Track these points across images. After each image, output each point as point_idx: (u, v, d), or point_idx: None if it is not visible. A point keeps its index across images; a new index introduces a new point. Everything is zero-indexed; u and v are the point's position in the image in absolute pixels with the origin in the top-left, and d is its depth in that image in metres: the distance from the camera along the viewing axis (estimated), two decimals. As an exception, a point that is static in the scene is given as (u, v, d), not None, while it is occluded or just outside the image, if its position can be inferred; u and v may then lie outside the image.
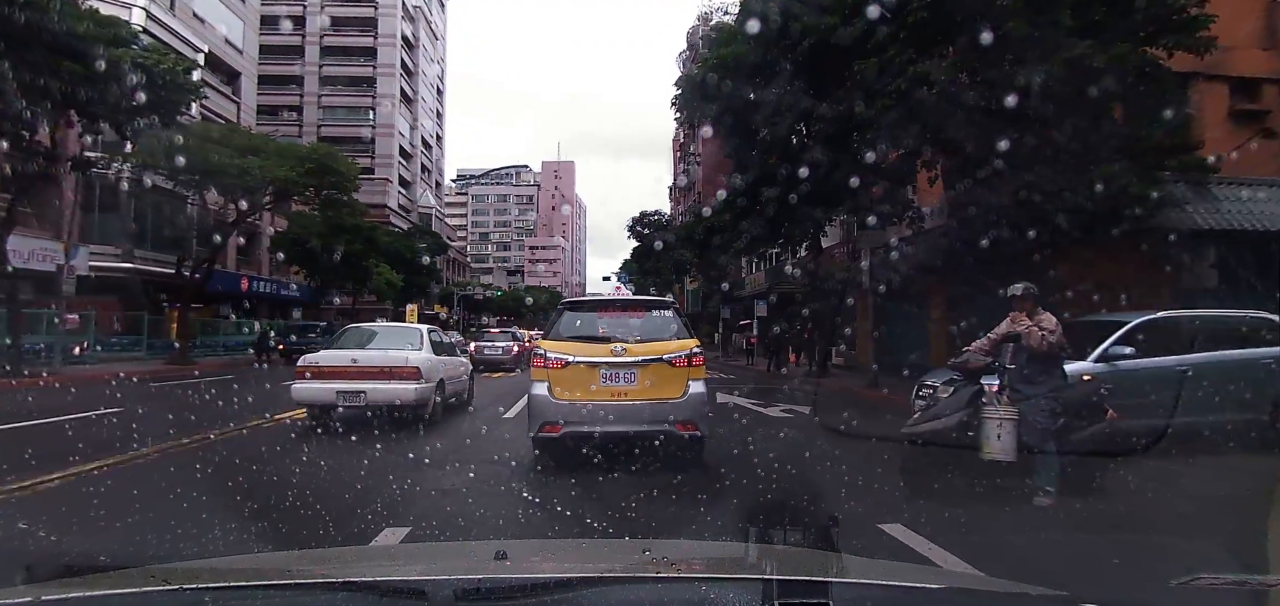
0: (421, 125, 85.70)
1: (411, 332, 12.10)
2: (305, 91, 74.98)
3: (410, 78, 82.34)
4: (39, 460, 6.94)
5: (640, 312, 8.08)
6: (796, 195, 16.04)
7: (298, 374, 10.27)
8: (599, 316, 7.93)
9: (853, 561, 2.11)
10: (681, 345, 7.41)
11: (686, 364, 7.29)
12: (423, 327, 12.60)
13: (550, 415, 7.17)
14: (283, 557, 3.16)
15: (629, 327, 7.61)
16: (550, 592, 1.61)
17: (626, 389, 7.16)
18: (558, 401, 7.18)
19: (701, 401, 7.32)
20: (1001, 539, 5.45)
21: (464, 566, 2.22)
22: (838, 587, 1.60)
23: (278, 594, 1.70)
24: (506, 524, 5.66)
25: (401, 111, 79.31)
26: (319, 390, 10.02)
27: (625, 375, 7.17)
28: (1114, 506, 6.19)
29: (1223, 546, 4.32)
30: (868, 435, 9.94)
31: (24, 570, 1.85)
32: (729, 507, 5.78)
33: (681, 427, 7.15)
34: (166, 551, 4.42)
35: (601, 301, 9.53)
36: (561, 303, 11.52)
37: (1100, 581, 3.99)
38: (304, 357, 10.69)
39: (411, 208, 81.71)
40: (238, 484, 6.66)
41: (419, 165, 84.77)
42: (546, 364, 7.34)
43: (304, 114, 75.10)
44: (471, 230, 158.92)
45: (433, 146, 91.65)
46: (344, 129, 75.86)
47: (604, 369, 7.20)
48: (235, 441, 9.24)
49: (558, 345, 7.49)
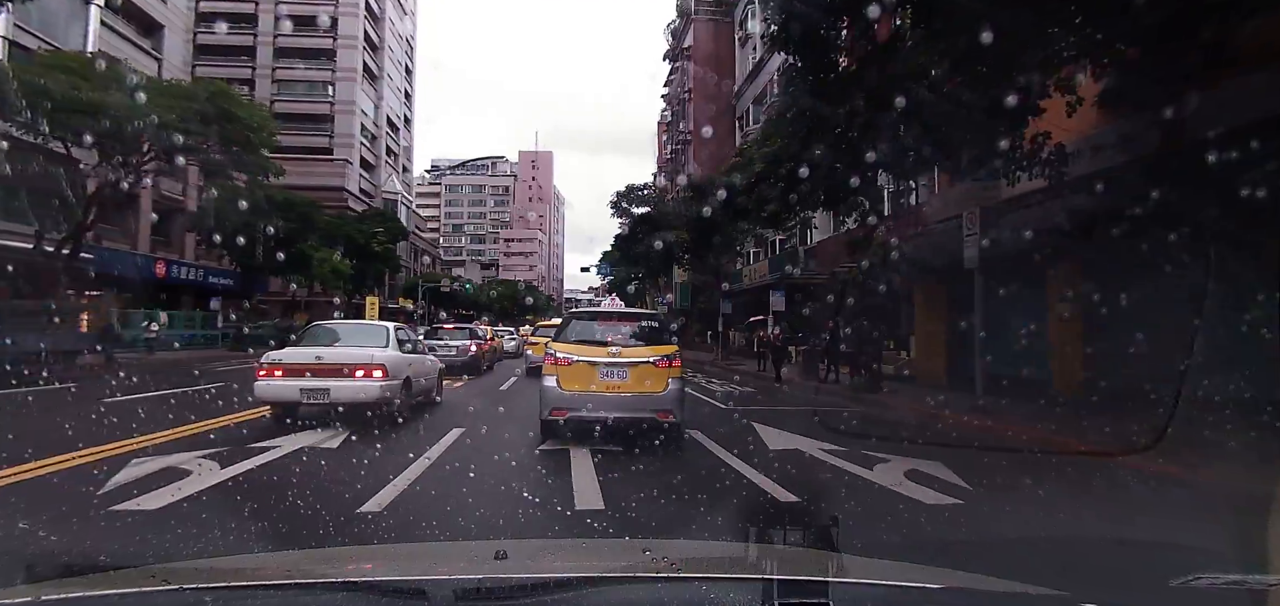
0: (387, 104, 79.32)
1: (377, 330, 11.99)
2: (258, 63, 68.39)
3: (375, 53, 75.97)
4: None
5: (633, 322, 10.14)
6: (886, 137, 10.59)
7: (259, 372, 10.26)
8: (600, 325, 9.80)
9: (853, 561, 2.17)
10: (664, 350, 9.13)
11: (668, 365, 8.97)
12: (389, 325, 12.33)
13: (558, 402, 8.85)
14: (283, 557, 3.16)
15: (623, 334, 9.37)
16: (550, 592, 1.61)
17: (620, 383, 8.86)
18: (565, 391, 8.86)
19: (678, 395, 9.06)
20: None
21: (464, 566, 2.17)
22: (838, 587, 1.61)
23: (278, 593, 1.69)
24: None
25: (364, 88, 72.91)
26: (283, 388, 10.09)
27: (619, 372, 8.88)
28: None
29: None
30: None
31: (24, 570, 1.87)
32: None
33: (661, 415, 8.82)
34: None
35: (602, 313, 11.88)
36: (570, 313, 12.68)
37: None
38: (268, 354, 10.83)
39: (375, 193, 75.35)
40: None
41: (384, 147, 78.38)
42: (557, 361, 8.99)
43: (256, 88, 68.60)
44: (445, 222, 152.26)
45: (400, 129, 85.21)
46: (301, 105, 69.76)
47: (602, 367, 8.89)
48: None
49: (566, 347, 9.18)
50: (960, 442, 9.27)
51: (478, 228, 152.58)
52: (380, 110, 77.08)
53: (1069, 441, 9.73)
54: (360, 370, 10.12)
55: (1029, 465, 8.41)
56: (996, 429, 10.90)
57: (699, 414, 12.41)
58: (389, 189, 78.12)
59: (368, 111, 73.64)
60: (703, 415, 12.37)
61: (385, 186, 77.70)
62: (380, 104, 77.09)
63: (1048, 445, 9.73)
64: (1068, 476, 7.88)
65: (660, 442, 8.72)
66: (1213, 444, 7.29)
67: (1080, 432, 10.07)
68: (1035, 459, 8.96)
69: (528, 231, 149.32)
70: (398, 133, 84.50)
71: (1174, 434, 6.16)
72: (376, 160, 76.31)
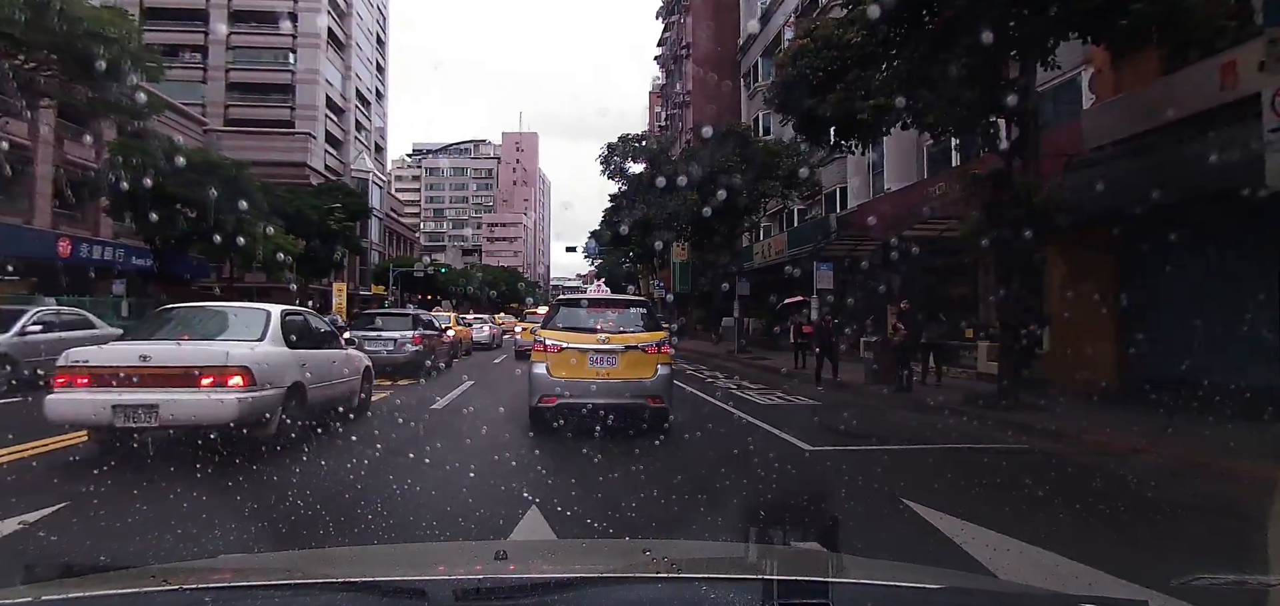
0: (356, 76, 73.25)
1: (253, 316, 8.50)
2: (211, 28, 62.10)
3: (341, 19, 69.75)
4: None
5: (621, 308, 9.89)
6: None
7: (56, 380, 7.18)
8: (588, 311, 9.56)
9: (853, 561, 2.15)
10: (653, 336, 9.06)
11: (657, 351, 8.87)
12: (274, 309, 8.65)
13: (548, 389, 8.72)
14: (283, 557, 3.08)
15: (611, 320, 9.23)
16: (550, 592, 1.59)
17: (609, 369, 8.73)
18: (554, 378, 8.74)
19: (667, 380, 8.91)
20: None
21: (464, 566, 2.16)
22: (838, 588, 1.59)
23: (278, 594, 1.66)
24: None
25: (329, 56, 66.78)
26: (86, 404, 6.99)
27: (608, 359, 8.75)
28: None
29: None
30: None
31: (24, 570, 1.83)
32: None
33: (651, 401, 8.75)
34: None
35: (591, 299, 11.17)
36: (557, 299, 12.17)
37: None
38: (67, 354, 7.37)
39: (344, 171, 69.48)
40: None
41: (353, 122, 72.36)
42: (546, 349, 8.89)
43: (208, 55, 62.46)
44: (426, 206, 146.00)
45: (372, 103, 79.14)
46: (259, 74, 63.60)
47: (592, 353, 8.77)
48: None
49: (554, 334, 9.06)
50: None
51: (460, 212, 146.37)
52: (348, 82, 71.03)
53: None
54: (208, 376, 7.15)
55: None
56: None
57: (777, 475, 7.12)
58: (360, 167, 72.18)
59: (334, 82, 67.58)
60: (786, 480, 6.92)
61: (355, 164, 71.81)
62: (348, 75, 71.03)
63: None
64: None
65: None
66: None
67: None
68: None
69: (512, 215, 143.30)
70: (369, 107, 78.47)
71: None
72: (345, 135, 70.37)
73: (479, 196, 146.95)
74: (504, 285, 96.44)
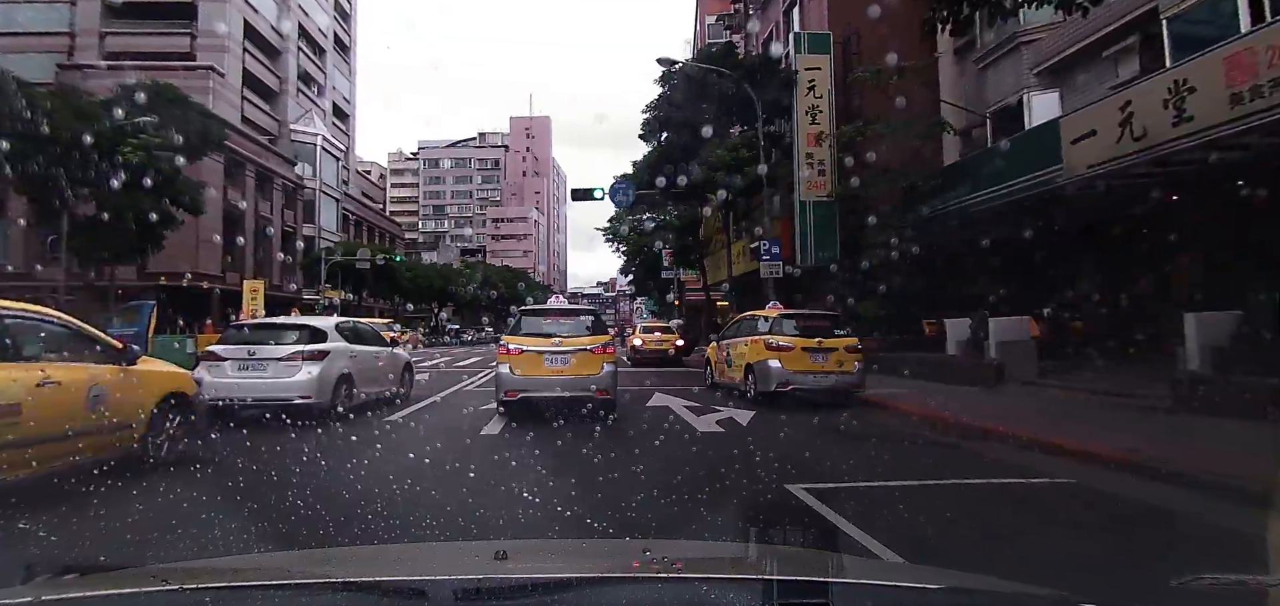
0: (299, 8, 56.23)
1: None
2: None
3: (277, -72, 52.84)
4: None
5: (573, 316, 11.62)
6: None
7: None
8: (547, 320, 11.25)
9: (853, 561, 2.23)
10: (599, 339, 10.70)
11: (602, 351, 10.51)
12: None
13: (511, 385, 10.35)
14: (283, 557, 3.15)
15: (565, 327, 10.85)
16: (550, 592, 1.58)
17: (562, 368, 10.33)
18: (516, 376, 10.36)
19: (613, 376, 10.56)
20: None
21: (464, 566, 2.11)
22: (838, 587, 1.58)
23: (278, 594, 1.65)
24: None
25: (255, -26, 49.90)
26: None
27: (562, 359, 10.34)
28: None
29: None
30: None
31: (24, 570, 1.82)
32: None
33: (598, 393, 10.28)
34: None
35: (549, 309, 12.45)
36: (519, 310, 14.56)
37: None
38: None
39: (277, 131, 52.28)
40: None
41: (294, 69, 55.22)
42: (509, 352, 10.52)
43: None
44: (424, 203, 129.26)
45: (326, 51, 62.08)
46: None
47: (547, 355, 10.36)
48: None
49: (518, 339, 10.67)
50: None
51: (463, 209, 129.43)
52: (287, 14, 53.91)
53: None
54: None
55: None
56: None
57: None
58: (305, 129, 55.07)
59: (260, 8, 50.47)
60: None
61: (297, 123, 54.66)
62: (286, 5, 53.94)
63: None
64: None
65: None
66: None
67: None
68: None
69: (520, 211, 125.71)
70: (323, 57, 61.37)
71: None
72: (280, 83, 53.18)
73: (484, 190, 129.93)
74: (504, 286, 78.87)
